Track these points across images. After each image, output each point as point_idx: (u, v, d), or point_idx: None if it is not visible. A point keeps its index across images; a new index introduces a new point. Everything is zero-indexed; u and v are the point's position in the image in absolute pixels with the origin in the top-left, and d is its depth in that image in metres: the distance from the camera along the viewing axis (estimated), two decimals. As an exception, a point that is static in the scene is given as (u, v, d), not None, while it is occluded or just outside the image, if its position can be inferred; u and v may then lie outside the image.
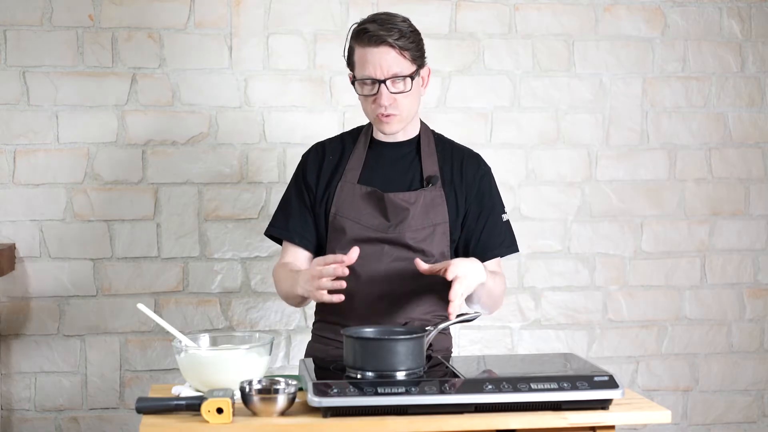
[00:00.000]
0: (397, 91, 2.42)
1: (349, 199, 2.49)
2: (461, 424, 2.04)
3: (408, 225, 2.46)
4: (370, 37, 2.39)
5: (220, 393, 2.03)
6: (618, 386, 2.09)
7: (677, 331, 3.67)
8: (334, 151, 2.58)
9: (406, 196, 2.47)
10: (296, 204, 2.57)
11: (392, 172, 2.52)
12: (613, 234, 3.62)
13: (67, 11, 3.31)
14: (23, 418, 3.34)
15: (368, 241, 2.47)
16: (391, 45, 2.39)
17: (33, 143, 3.32)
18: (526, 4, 3.54)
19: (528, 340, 3.57)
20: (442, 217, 2.49)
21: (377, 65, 2.39)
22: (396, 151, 2.54)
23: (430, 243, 2.47)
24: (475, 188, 2.54)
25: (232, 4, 3.39)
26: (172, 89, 3.37)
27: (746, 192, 3.70)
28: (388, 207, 2.46)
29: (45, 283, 3.33)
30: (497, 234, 2.55)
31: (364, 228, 2.47)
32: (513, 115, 3.55)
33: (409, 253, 2.46)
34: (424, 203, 2.47)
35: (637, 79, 3.62)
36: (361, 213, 2.48)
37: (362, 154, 2.54)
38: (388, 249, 2.47)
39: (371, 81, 2.41)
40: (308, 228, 2.56)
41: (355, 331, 2.24)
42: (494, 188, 2.60)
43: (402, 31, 2.41)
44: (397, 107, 2.44)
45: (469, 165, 2.56)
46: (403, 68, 2.42)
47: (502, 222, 2.57)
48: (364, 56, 2.41)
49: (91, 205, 3.35)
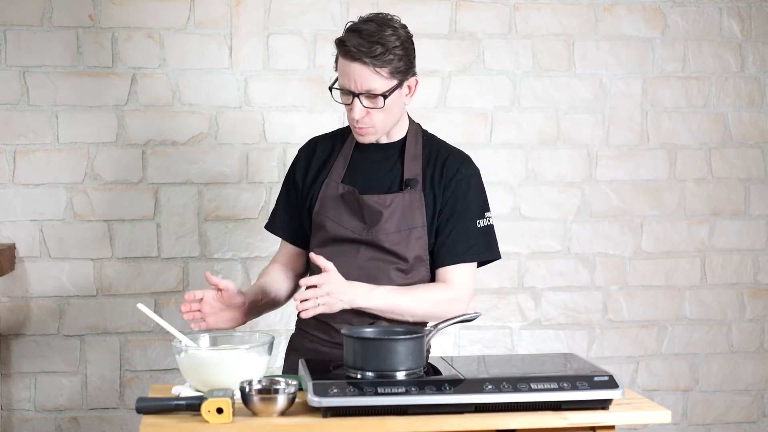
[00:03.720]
0: (369, 107, 2.40)
1: (330, 198, 2.50)
2: (461, 424, 2.04)
3: (381, 228, 2.44)
4: (345, 51, 2.36)
5: (220, 393, 2.03)
6: (618, 386, 2.10)
7: (677, 331, 3.67)
8: (324, 147, 2.58)
9: (382, 198, 2.46)
10: (284, 200, 2.61)
11: (375, 173, 2.51)
12: (613, 234, 3.62)
13: (67, 11, 3.31)
14: (23, 418, 3.34)
15: (345, 241, 2.47)
16: (365, 63, 2.35)
17: (33, 143, 3.32)
18: (526, 4, 3.54)
19: (528, 340, 3.57)
20: (420, 221, 2.45)
21: (352, 79, 2.37)
22: (381, 152, 2.53)
23: (405, 246, 2.45)
24: (450, 190, 2.48)
25: (232, 4, 3.39)
26: (172, 89, 3.37)
27: (746, 192, 3.70)
28: (363, 209, 2.46)
29: (45, 283, 3.33)
30: (464, 240, 2.47)
31: (341, 228, 2.47)
32: (513, 115, 3.55)
33: (383, 255, 2.46)
34: (401, 206, 2.45)
35: (637, 79, 3.62)
36: (339, 213, 2.48)
37: (349, 154, 2.54)
38: (363, 249, 2.46)
39: (347, 91, 2.40)
40: (294, 223, 2.58)
41: (355, 331, 2.24)
42: (473, 192, 2.51)
43: (386, 45, 2.35)
44: (371, 121, 2.42)
45: (450, 167, 2.50)
46: (378, 86, 2.37)
47: (475, 228, 2.49)
48: (342, 67, 2.40)
49: (91, 205, 3.35)
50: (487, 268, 3.54)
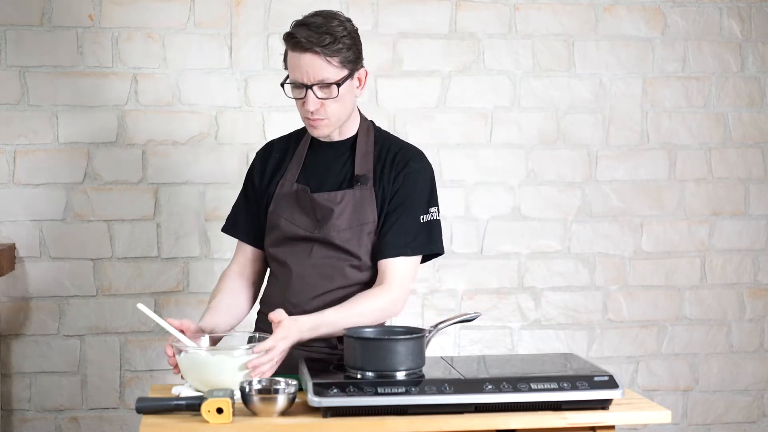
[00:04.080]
0: (323, 97, 2.40)
1: (284, 197, 2.51)
2: (461, 424, 2.04)
3: (333, 225, 2.45)
4: (296, 43, 2.38)
5: (220, 393, 2.03)
6: (618, 386, 2.10)
7: (677, 331, 3.67)
8: (280, 148, 2.59)
9: (332, 195, 2.46)
10: (243, 202, 2.62)
11: (327, 171, 2.52)
12: (613, 234, 3.62)
13: (67, 11, 3.31)
14: (23, 418, 3.34)
15: (299, 239, 2.48)
16: (316, 53, 2.37)
17: (33, 143, 3.32)
18: (526, 4, 3.54)
19: (528, 340, 3.57)
20: (371, 217, 2.46)
21: (303, 71, 2.38)
22: (333, 150, 2.53)
23: (357, 243, 2.46)
24: (398, 183, 2.48)
25: (232, 4, 3.39)
26: (172, 89, 3.37)
27: (746, 192, 3.70)
28: (315, 207, 2.47)
29: (45, 283, 3.33)
30: (405, 233, 2.46)
31: (295, 227, 2.48)
32: (513, 115, 3.55)
33: (336, 252, 2.46)
34: (352, 203, 2.46)
35: (637, 79, 3.62)
36: (293, 212, 2.49)
37: (303, 153, 2.55)
38: (316, 247, 2.47)
39: (300, 84, 2.41)
40: (251, 225, 2.59)
41: (356, 331, 2.24)
42: (420, 186, 2.50)
43: (334, 35, 2.38)
44: (325, 112, 2.42)
45: (399, 161, 2.51)
46: (330, 75, 2.39)
47: (418, 222, 2.48)
48: (292, 60, 2.40)
49: (91, 205, 3.35)
50: (488, 268, 3.55)
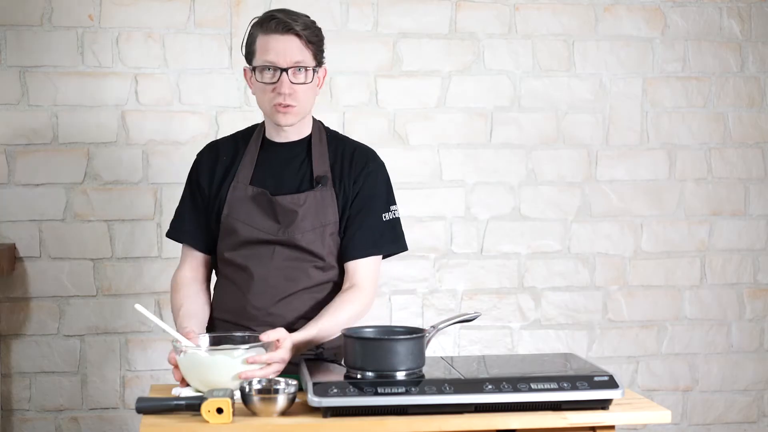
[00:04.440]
0: (298, 82, 2.41)
1: (240, 201, 2.48)
2: (461, 424, 2.04)
3: (297, 227, 2.44)
4: (277, 24, 2.38)
5: (220, 393, 2.03)
6: (618, 386, 2.10)
7: (677, 331, 3.67)
8: (227, 151, 2.56)
9: (295, 198, 2.46)
10: (189, 205, 2.57)
11: (284, 172, 2.51)
12: (613, 234, 3.62)
13: (67, 11, 3.31)
14: (23, 419, 3.34)
15: (259, 242, 2.47)
16: (297, 34, 2.39)
17: (33, 143, 3.32)
18: (526, 4, 3.54)
19: (528, 340, 3.57)
20: (332, 218, 2.47)
21: (281, 52, 2.39)
22: (288, 151, 2.52)
23: (321, 244, 2.46)
24: (359, 184, 2.50)
25: (232, 4, 3.39)
26: (172, 89, 3.37)
27: (746, 192, 3.70)
28: (277, 209, 2.45)
29: (45, 283, 3.33)
30: (368, 234, 2.49)
31: (254, 230, 2.46)
32: (513, 115, 3.55)
33: (300, 254, 2.46)
34: (314, 204, 2.46)
35: (637, 79, 3.62)
36: (251, 215, 2.47)
37: (254, 155, 2.52)
38: (279, 249, 2.46)
39: (273, 68, 2.40)
40: (200, 229, 2.55)
41: (355, 331, 2.24)
42: (380, 186, 2.53)
43: (307, 24, 2.43)
44: (296, 98, 2.42)
45: (357, 161, 2.52)
46: (306, 59, 2.42)
47: (381, 221, 2.50)
48: (267, 43, 2.40)
49: (91, 205, 3.35)
50: (488, 268, 3.55)
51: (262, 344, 2.22)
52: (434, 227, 3.51)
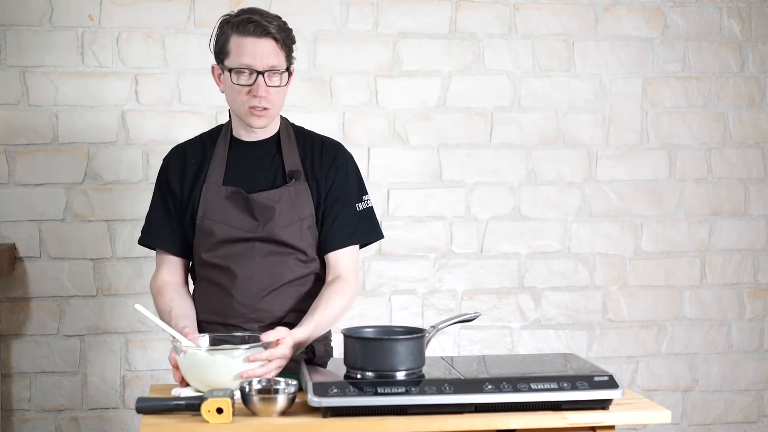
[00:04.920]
0: (273, 85, 2.42)
1: (215, 201, 2.49)
2: (461, 424, 2.04)
3: (276, 222, 2.46)
4: (255, 27, 2.39)
5: (220, 393, 2.03)
6: (618, 386, 2.10)
7: (677, 331, 3.67)
8: (195, 153, 2.56)
9: (271, 194, 2.47)
10: (160, 210, 2.57)
11: (255, 170, 2.51)
12: (613, 234, 3.62)
13: (68, 11, 3.31)
14: (23, 419, 3.34)
15: (238, 241, 2.47)
16: (274, 38, 2.40)
17: (33, 143, 3.32)
18: (526, 4, 3.54)
19: (528, 340, 3.57)
20: (308, 211, 2.49)
21: (257, 56, 2.39)
22: (257, 149, 2.53)
23: (299, 238, 2.48)
24: (331, 178, 2.52)
25: (232, 4, 3.38)
26: (172, 89, 3.37)
27: (746, 192, 3.70)
28: (254, 207, 2.46)
29: (45, 283, 3.33)
30: (345, 224, 2.52)
31: (232, 229, 2.47)
32: (513, 115, 3.55)
33: (280, 248, 2.47)
34: (289, 199, 2.47)
35: (637, 79, 3.62)
36: (227, 214, 2.48)
37: (224, 155, 2.53)
38: (258, 245, 2.47)
39: (249, 71, 2.41)
40: (174, 233, 2.55)
41: (355, 331, 2.24)
42: (351, 177, 2.56)
43: (281, 26, 2.43)
44: (271, 101, 2.44)
45: (327, 155, 2.54)
46: (281, 62, 2.43)
47: (354, 212, 2.53)
48: (243, 46, 2.40)
49: (91, 205, 3.35)
50: (488, 268, 3.55)
51: (261, 344, 2.22)
52: (434, 227, 3.51)
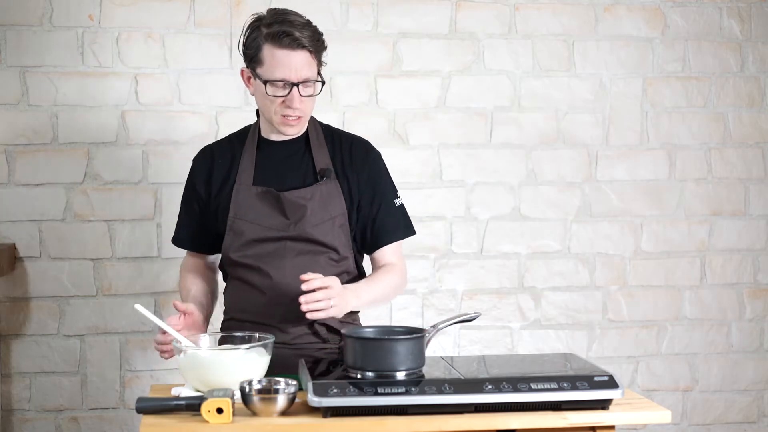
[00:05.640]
0: (306, 95, 2.43)
1: (245, 201, 2.50)
2: (461, 424, 2.04)
3: (307, 221, 2.47)
4: (290, 41, 2.38)
5: (220, 393, 2.03)
6: (618, 386, 2.10)
7: (677, 331, 3.67)
8: (223, 154, 2.58)
9: (302, 192, 2.48)
10: (188, 211, 2.61)
11: (285, 169, 2.53)
12: (613, 234, 3.62)
13: (68, 11, 3.31)
14: (23, 418, 3.34)
15: (268, 240, 2.48)
16: (308, 49, 2.41)
17: (33, 143, 3.32)
18: (526, 4, 3.54)
19: (528, 340, 3.57)
20: (340, 209, 2.50)
21: (292, 68, 2.40)
22: (286, 148, 2.54)
23: (332, 235, 2.49)
24: (365, 175, 2.54)
25: (232, 4, 3.39)
26: (172, 89, 3.37)
27: (746, 192, 3.70)
28: (285, 205, 2.47)
29: (45, 283, 3.33)
30: (390, 220, 2.57)
31: (264, 228, 2.48)
32: (513, 115, 3.55)
33: (312, 246, 2.48)
34: (321, 197, 2.49)
35: (637, 79, 3.62)
36: (259, 214, 2.49)
37: (253, 155, 2.54)
38: (290, 245, 2.48)
39: (283, 84, 2.41)
40: (197, 235, 2.59)
41: (355, 331, 2.24)
42: (385, 173, 2.60)
43: (312, 35, 2.42)
44: (304, 110, 2.46)
45: (358, 152, 2.57)
46: (313, 72, 2.44)
47: (394, 207, 2.58)
48: (277, 58, 2.40)
49: (91, 205, 3.35)
50: (488, 268, 3.56)
51: (262, 344, 2.23)
52: (434, 227, 3.51)
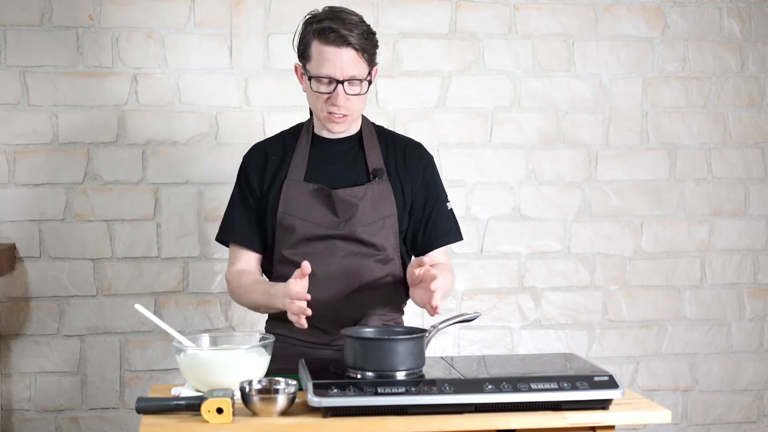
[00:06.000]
0: (353, 93, 2.42)
1: (296, 198, 2.49)
2: (461, 424, 2.04)
3: (358, 220, 2.46)
4: (336, 37, 2.37)
5: (220, 393, 2.03)
6: (618, 386, 2.10)
7: (677, 331, 3.67)
8: (276, 150, 2.57)
9: (354, 191, 2.48)
10: (240, 207, 2.58)
11: (337, 167, 2.52)
12: (613, 234, 3.62)
13: (67, 11, 3.31)
14: (23, 418, 3.34)
15: (318, 238, 2.47)
16: (354, 47, 2.39)
17: (33, 143, 3.32)
18: (526, 4, 3.54)
19: (528, 340, 3.57)
20: (391, 210, 2.50)
21: (338, 66, 2.39)
22: (339, 146, 2.54)
23: (381, 236, 2.48)
24: (419, 178, 2.55)
25: (232, 4, 3.39)
26: (172, 89, 3.37)
27: (746, 192, 3.70)
28: (336, 203, 2.46)
29: (45, 283, 3.33)
30: (444, 222, 2.58)
31: (313, 225, 2.47)
32: (513, 115, 3.55)
33: (361, 248, 2.47)
34: (372, 197, 2.48)
35: (637, 79, 3.62)
36: (309, 211, 2.48)
37: (305, 152, 2.53)
38: (339, 244, 2.47)
39: (328, 80, 2.41)
40: (253, 230, 2.56)
41: (355, 331, 2.24)
42: (437, 177, 2.61)
43: (369, 31, 2.42)
44: (350, 108, 2.44)
45: (413, 155, 2.57)
46: (361, 71, 2.42)
47: (447, 210, 2.60)
48: (324, 54, 2.39)
49: (91, 205, 3.35)
50: (488, 268, 3.56)
51: (262, 344, 2.23)
52: (434, 227, 3.51)
